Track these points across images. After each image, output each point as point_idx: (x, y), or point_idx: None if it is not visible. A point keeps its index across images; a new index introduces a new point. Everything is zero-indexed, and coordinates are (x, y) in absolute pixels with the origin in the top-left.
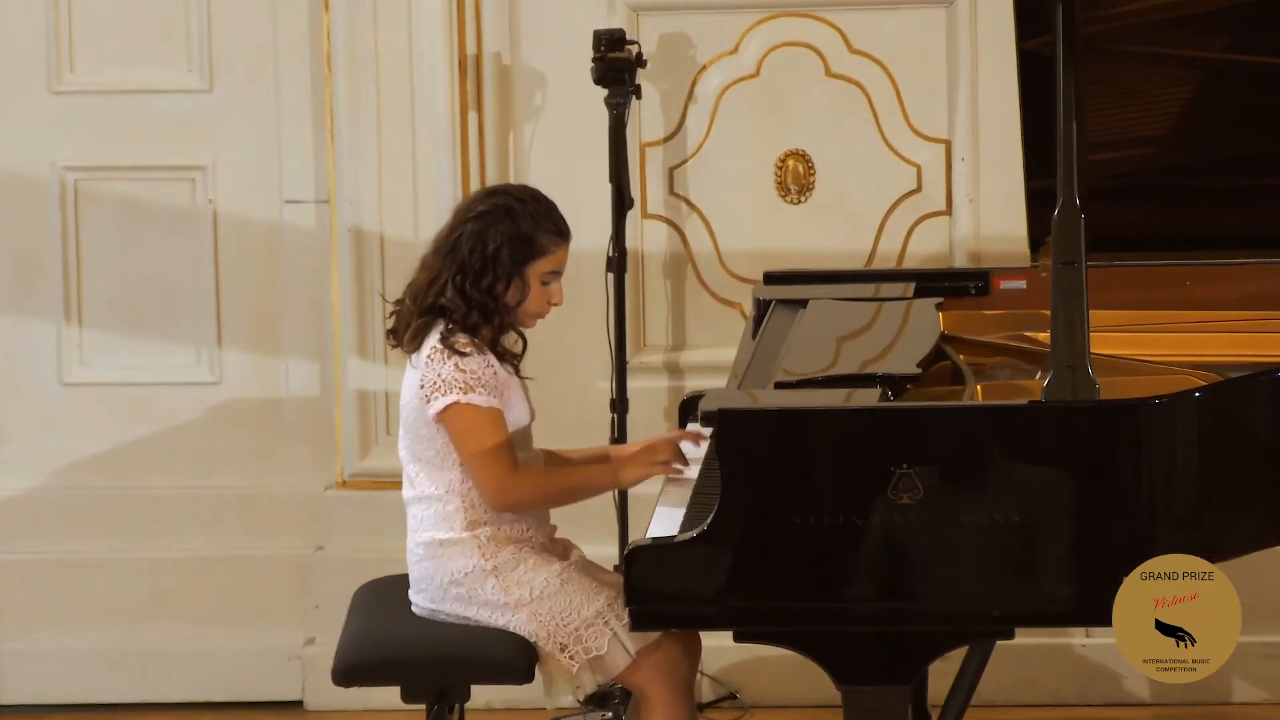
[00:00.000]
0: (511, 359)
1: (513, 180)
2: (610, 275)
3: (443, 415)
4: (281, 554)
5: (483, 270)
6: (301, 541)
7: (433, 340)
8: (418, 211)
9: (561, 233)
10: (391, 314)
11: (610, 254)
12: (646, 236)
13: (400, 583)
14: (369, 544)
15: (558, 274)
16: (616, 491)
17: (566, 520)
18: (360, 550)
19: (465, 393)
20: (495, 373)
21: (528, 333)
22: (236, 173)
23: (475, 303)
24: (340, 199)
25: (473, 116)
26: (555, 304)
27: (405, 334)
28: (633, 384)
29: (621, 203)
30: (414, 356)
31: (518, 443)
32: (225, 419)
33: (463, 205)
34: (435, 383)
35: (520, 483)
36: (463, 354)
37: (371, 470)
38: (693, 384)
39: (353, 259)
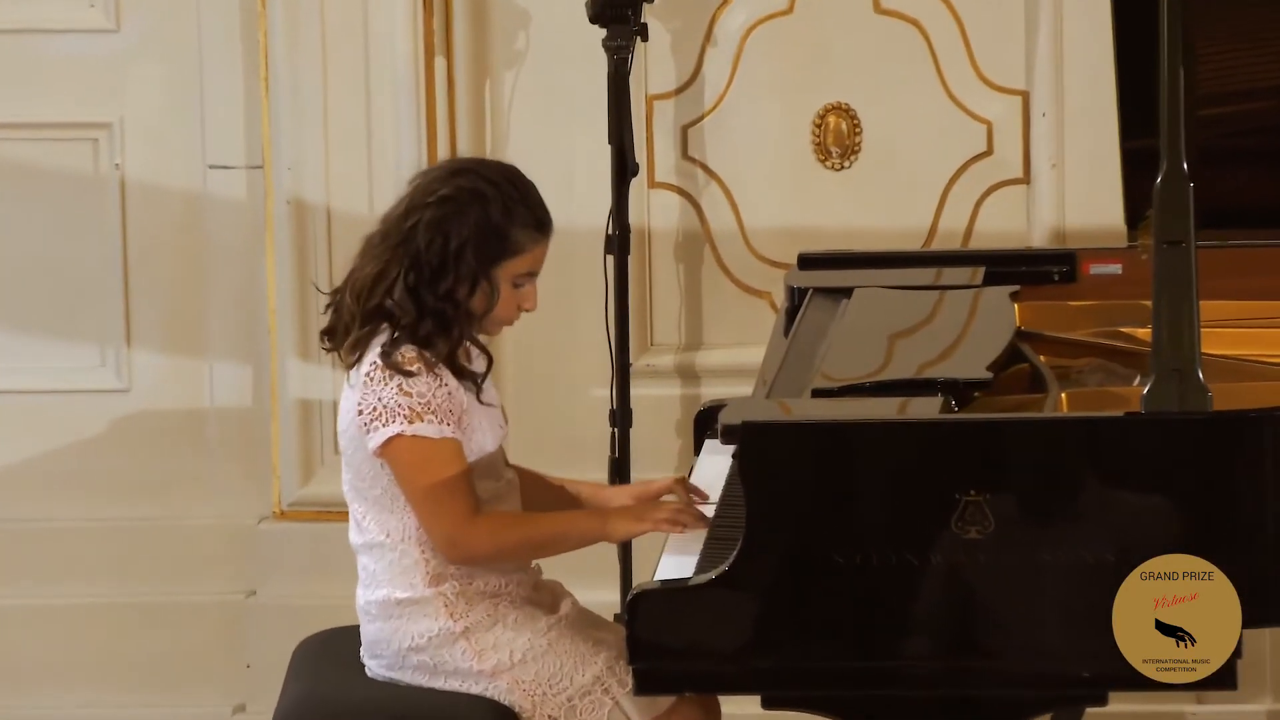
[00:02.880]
0: (471, 378)
1: (489, 143)
2: (610, 258)
3: (385, 449)
4: (205, 601)
5: (441, 270)
6: (230, 585)
7: (373, 354)
8: (372, 179)
9: (541, 226)
10: (328, 308)
11: (610, 232)
12: (654, 210)
13: (351, 636)
14: (313, 588)
15: (533, 275)
16: None
17: (555, 559)
18: (302, 596)
19: (411, 421)
20: (450, 394)
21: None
22: (149, 131)
23: (430, 310)
24: (277, 164)
25: (440, 63)
26: (527, 309)
27: (344, 339)
28: (637, 391)
29: (624, 169)
30: (353, 372)
31: (482, 473)
32: (135, 435)
33: (422, 183)
34: (376, 409)
35: (478, 532)
36: (408, 373)
37: (316, 498)
38: (711, 391)
39: (292, 238)
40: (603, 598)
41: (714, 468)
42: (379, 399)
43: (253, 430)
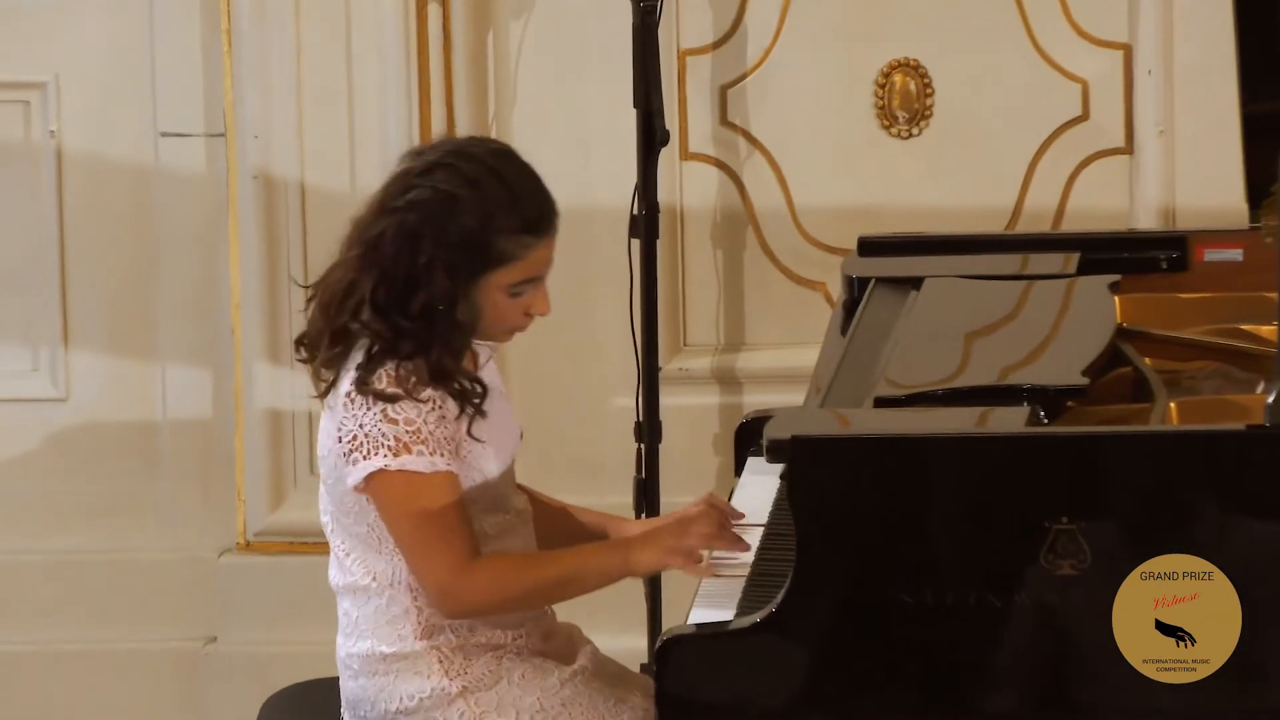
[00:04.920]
0: (469, 401)
1: (492, 106)
2: (635, 243)
3: (367, 485)
4: (157, 648)
5: (409, 288)
6: (186, 630)
7: (351, 375)
8: (354, 150)
9: (534, 228)
10: (309, 303)
11: (635, 212)
12: (688, 187)
13: (329, 690)
14: (284, 634)
15: (534, 280)
16: None
17: (570, 600)
18: (271, 642)
19: (396, 454)
20: (443, 418)
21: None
22: (91, 93)
23: (405, 331)
24: (241, 131)
25: (434, 12)
26: (538, 314)
27: (318, 354)
28: (667, 400)
29: (652, 138)
30: (331, 393)
31: (487, 505)
32: (75, 452)
33: (397, 177)
34: (356, 437)
35: (476, 582)
36: (392, 397)
37: (288, 526)
38: (755, 401)
39: (260, 219)
40: (627, 644)
41: (759, 491)
42: (360, 426)
43: (213, 447)
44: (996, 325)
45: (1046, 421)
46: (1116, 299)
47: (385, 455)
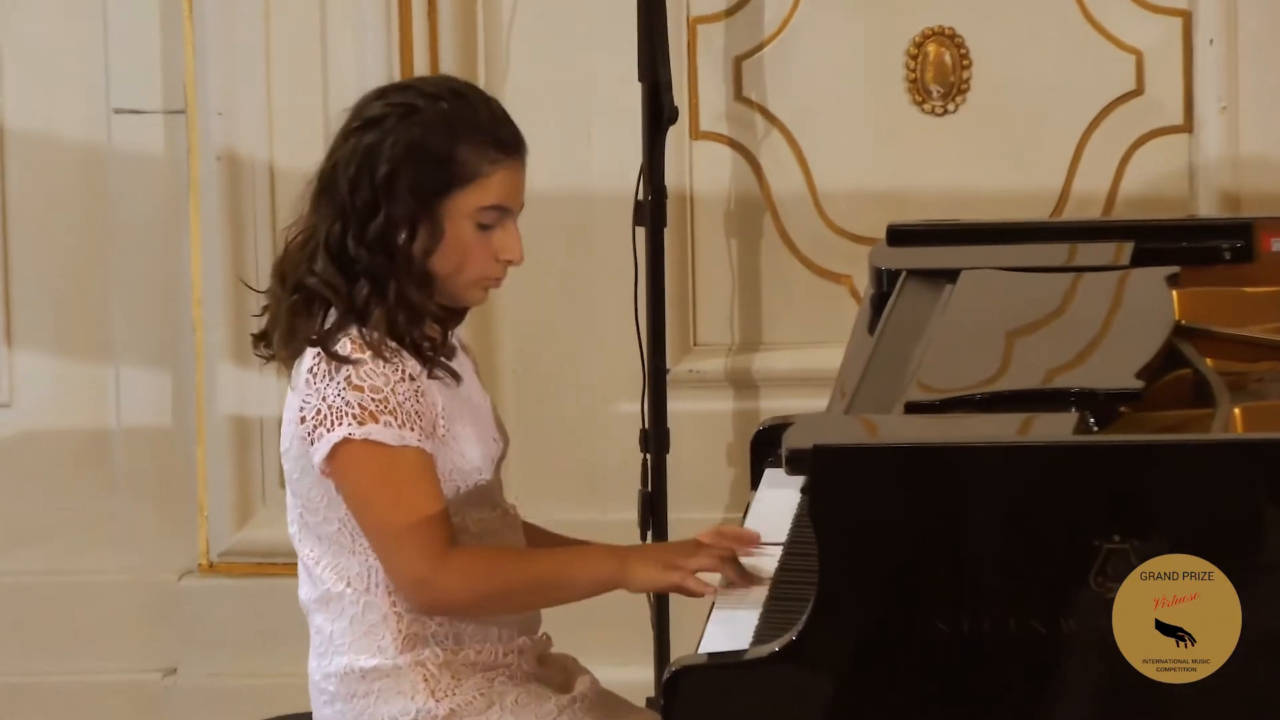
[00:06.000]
0: (438, 361)
1: (483, 78)
2: (641, 232)
3: (332, 462)
4: (110, 681)
5: (370, 210)
6: (143, 661)
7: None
8: (328, 128)
9: (502, 144)
10: (264, 309)
11: (640, 197)
12: (699, 169)
13: None
14: (251, 664)
15: (506, 211)
16: None
17: (567, 624)
18: (237, 674)
19: (361, 422)
20: (417, 390)
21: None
22: (36, 65)
23: (362, 267)
24: (204, 108)
25: None
26: (509, 260)
27: (276, 336)
28: (676, 406)
29: (659, 115)
30: (293, 373)
31: (470, 499)
32: (18, 463)
33: (351, 112)
34: (320, 412)
35: (453, 572)
36: (355, 361)
37: (256, 545)
38: (772, 406)
39: (224, 203)
40: (631, 676)
41: (777, 505)
42: (323, 399)
43: (172, 457)
44: (1041, 323)
45: (1097, 429)
46: (1174, 293)
47: (350, 424)
